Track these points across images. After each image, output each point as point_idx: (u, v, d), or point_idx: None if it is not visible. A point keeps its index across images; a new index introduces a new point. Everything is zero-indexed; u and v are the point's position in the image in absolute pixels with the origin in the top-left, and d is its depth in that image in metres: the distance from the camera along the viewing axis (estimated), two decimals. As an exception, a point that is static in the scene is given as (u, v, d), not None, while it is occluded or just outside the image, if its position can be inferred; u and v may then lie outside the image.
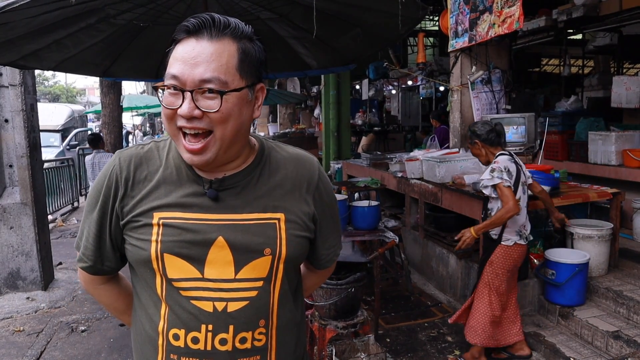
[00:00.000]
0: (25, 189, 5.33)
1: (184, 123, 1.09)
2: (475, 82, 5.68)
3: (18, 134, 5.28)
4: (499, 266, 3.56)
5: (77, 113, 17.87)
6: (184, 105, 1.07)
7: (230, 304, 1.15)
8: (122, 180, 1.19)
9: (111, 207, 1.20)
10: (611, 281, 4.22)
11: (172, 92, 1.09)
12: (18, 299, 5.24)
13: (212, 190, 1.17)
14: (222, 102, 1.08)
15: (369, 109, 13.87)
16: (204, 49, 1.08)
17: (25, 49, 3.76)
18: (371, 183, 5.47)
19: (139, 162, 1.21)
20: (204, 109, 1.07)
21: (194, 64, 1.07)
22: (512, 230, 3.53)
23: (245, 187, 1.20)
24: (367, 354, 3.26)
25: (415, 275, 5.71)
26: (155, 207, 1.16)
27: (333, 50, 4.53)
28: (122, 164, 1.21)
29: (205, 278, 1.15)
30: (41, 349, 4.21)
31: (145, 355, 1.22)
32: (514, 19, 4.55)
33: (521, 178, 3.54)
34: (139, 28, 3.98)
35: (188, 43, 1.09)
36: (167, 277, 1.15)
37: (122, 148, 8.16)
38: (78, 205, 10.94)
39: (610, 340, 3.62)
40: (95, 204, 1.22)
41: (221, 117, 1.09)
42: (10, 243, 5.33)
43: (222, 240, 1.15)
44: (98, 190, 1.22)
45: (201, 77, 1.07)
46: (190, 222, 1.15)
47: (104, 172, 1.23)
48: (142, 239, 1.16)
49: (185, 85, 1.07)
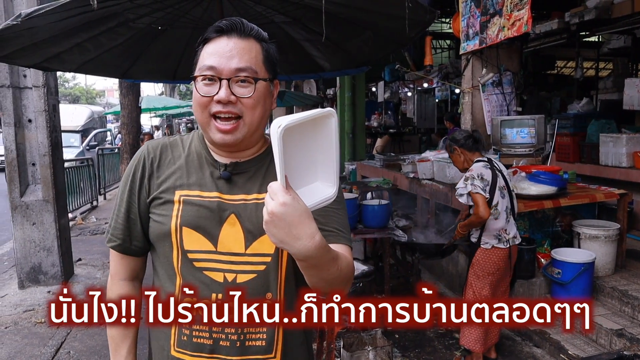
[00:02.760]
0: (47, 187, 5.52)
1: (219, 108, 1.23)
2: (486, 84, 5.74)
3: (41, 134, 5.47)
4: (479, 269, 3.62)
5: (97, 114, 18.22)
6: (222, 91, 1.21)
7: (240, 276, 1.27)
8: (149, 162, 1.35)
9: (139, 186, 1.34)
10: (617, 281, 4.27)
11: (207, 83, 1.23)
12: (40, 293, 5.43)
13: (226, 172, 1.31)
14: (256, 88, 1.24)
15: (384, 111, 13.94)
16: (237, 44, 1.24)
17: (48, 52, 3.92)
18: (383, 183, 5.56)
19: (165, 148, 1.38)
20: (238, 95, 1.23)
21: (230, 56, 1.23)
22: (490, 234, 3.57)
23: (257, 172, 1.34)
24: (374, 347, 3.36)
25: (425, 274, 5.79)
26: (178, 185, 1.31)
27: (345, 52, 4.63)
28: (150, 149, 1.37)
29: (218, 251, 1.28)
30: (61, 339, 4.38)
31: (161, 329, 1.33)
32: (522, 22, 4.62)
33: (498, 183, 3.55)
34: (157, 31, 4.12)
35: (221, 40, 1.25)
36: (183, 249, 1.28)
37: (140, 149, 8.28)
38: (97, 204, 11.17)
39: (614, 338, 3.68)
40: (125, 186, 1.36)
41: (252, 103, 1.24)
42: (33, 238, 5.52)
43: (234, 217, 1.28)
44: (127, 174, 1.37)
45: (237, 66, 1.22)
46: (206, 200, 1.29)
47: (134, 158, 1.39)
48: (164, 214, 1.30)
49: (222, 74, 1.22)
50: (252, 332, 1.27)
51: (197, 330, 1.27)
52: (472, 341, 3.70)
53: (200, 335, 1.27)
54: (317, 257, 1.04)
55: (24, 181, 5.49)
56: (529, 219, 4.66)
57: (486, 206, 3.47)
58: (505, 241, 3.56)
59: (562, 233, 4.75)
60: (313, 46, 4.62)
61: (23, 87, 5.41)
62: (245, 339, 1.27)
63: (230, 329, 1.26)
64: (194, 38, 4.41)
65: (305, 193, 1.03)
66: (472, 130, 3.83)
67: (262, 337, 1.28)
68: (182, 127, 26.43)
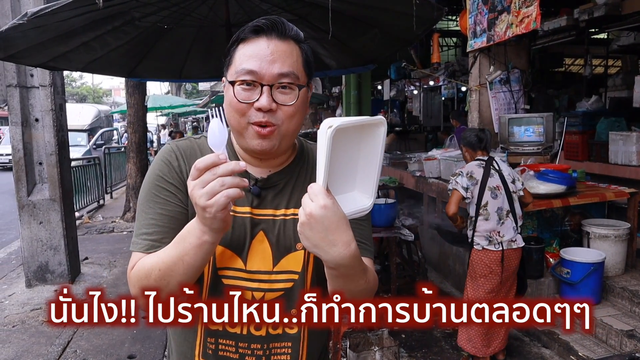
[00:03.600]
0: (54, 186, 5.53)
1: (259, 118, 1.13)
2: (494, 82, 5.70)
3: (47, 133, 5.48)
4: (472, 270, 3.62)
5: (104, 113, 18.32)
6: (263, 99, 1.12)
7: (267, 294, 1.23)
8: (181, 163, 1.23)
9: (176, 186, 1.21)
10: (627, 281, 4.22)
11: (245, 88, 1.13)
12: (47, 291, 5.44)
13: (256, 187, 1.23)
14: (298, 96, 1.15)
15: (390, 109, 13.89)
16: (278, 47, 1.14)
17: (55, 51, 3.92)
18: (389, 182, 5.53)
19: (194, 150, 1.26)
20: (280, 102, 1.13)
21: (272, 60, 1.12)
22: (480, 235, 3.56)
23: (286, 185, 1.27)
24: (380, 347, 3.34)
25: (432, 273, 5.76)
26: None
27: (352, 50, 4.61)
28: (179, 148, 1.25)
29: (248, 270, 1.22)
30: (68, 338, 4.39)
31: (185, 337, 1.29)
32: (531, 19, 4.57)
33: (489, 183, 3.54)
34: (163, 30, 4.12)
35: (260, 41, 1.14)
36: (215, 266, 1.21)
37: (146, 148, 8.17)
38: (104, 203, 11.21)
39: (624, 339, 3.63)
40: (158, 187, 1.21)
41: (293, 111, 1.15)
42: (40, 237, 5.53)
43: (262, 234, 1.22)
44: (157, 175, 1.22)
45: (280, 72, 1.13)
46: (240, 216, 1.22)
47: (160, 157, 1.25)
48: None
49: (263, 80, 1.12)
50: (277, 346, 1.25)
51: (223, 344, 1.25)
52: (464, 341, 3.70)
53: (226, 349, 1.24)
54: (350, 267, 1.01)
55: (31, 180, 5.50)
56: (538, 218, 4.62)
57: (455, 203, 3.57)
58: (497, 243, 3.51)
59: (571, 232, 4.70)
60: (319, 44, 4.60)
61: (30, 86, 5.42)
62: (270, 353, 1.25)
63: (256, 344, 1.24)
64: (200, 37, 4.43)
65: (341, 200, 0.99)
66: (480, 129, 3.82)
67: (287, 351, 1.26)
68: (188, 125, 26.48)
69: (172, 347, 1.37)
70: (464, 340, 3.70)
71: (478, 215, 3.56)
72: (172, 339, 1.36)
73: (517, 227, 3.57)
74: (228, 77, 1.18)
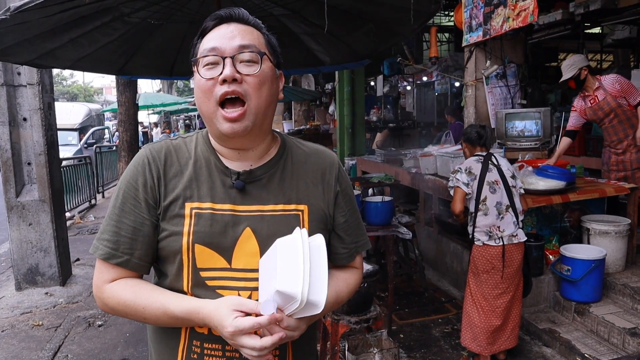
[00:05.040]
0: (43, 186, 5.41)
1: (225, 89, 1.14)
2: (490, 76, 5.63)
3: (36, 132, 5.36)
4: (474, 266, 3.60)
5: (95, 112, 18.10)
6: (226, 69, 1.14)
7: (255, 293, 1.17)
8: (155, 169, 1.22)
9: (145, 196, 1.20)
10: (628, 277, 4.17)
11: (210, 67, 1.17)
12: (37, 294, 5.33)
13: (240, 182, 1.21)
14: (262, 64, 1.18)
15: (383, 105, 13.83)
16: (238, 27, 1.20)
17: (41, 48, 3.81)
18: (385, 179, 5.45)
19: (169, 153, 1.25)
20: (243, 73, 1.16)
21: (232, 37, 1.18)
22: (480, 230, 3.54)
23: (271, 179, 1.24)
24: (379, 349, 3.26)
25: (429, 271, 5.70)
26: (187, 197, 1.20)
27: (346, 46, 4.52)
28: (153, 154, 1.25)
29: (233, 268, 1.18)
30: (59, 342, 4.28)
31: (166, 343, 1.24)
32: (528, 12, 4.49)
33: (487, 178, 3.51)
34: (153, 26, 4.01)
35: (220, 27, 1.20)
36: (195, 267, 1.18)
37: (138, 147, 8.15)
38: (95, 203, 11.08)
39: (627, 337, 3.57)
40: (127, 194, 1.21)
41: (258, 83, 1.16)
42: (29, 239, 5.42)
43: (250, 231, 1.19)
44: (129, 181, 1.22)
45: (240, 43, 1.17)
46: (219, 213, 1.19)
47: (134, 163, 1.25)
48: (174, 230, 1.18)
49: (224, 53, 1.16)
50: None
51: (209, 349, 1.19)
52: (468, 340, 3.67)
53: (212, 353, 1.19)
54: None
55: (19, 181, 5.38)
56: (537, 214, 4.56)
57: (460, 201, 3.55)
58: (497, 238, 3.48)
59: (570, 229, 4.65)
60: (313, 39, 4.52)
61: (17, 85, 5.30)
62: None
63: None
64: (191, 33, 4.30)
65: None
66: (481, 125, 3.76)
67: (274, 352, 1.21)
68: (180, 123, 26.32)
69: (152, 356, 1.32)
70: (468, 340, 3.65)
71: (477, 211, 3.52)
72: (152, 346, 1.31)
73: (518, 222, 3.52)
74: (196, 57, 1.21)
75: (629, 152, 4.66)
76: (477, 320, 3.58)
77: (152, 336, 1.30)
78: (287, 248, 1.06)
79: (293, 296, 1.01)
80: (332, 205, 1.31)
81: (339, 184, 1.33)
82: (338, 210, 1.32)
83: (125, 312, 1.18)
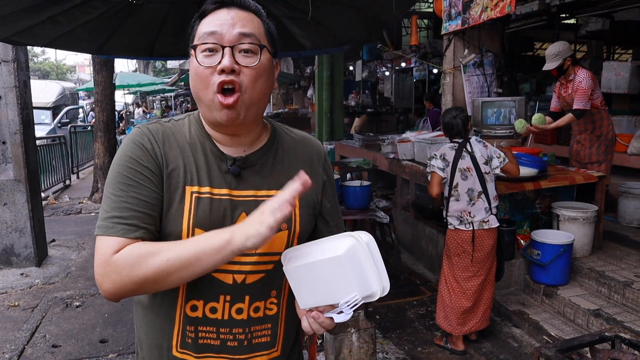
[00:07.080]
0: (19, 166, 5.35)
1: (223, 77, 1.13)
2: (468, 65, 5.72)
3: (11, 111, 5.28)
4: (447, 248, 3.77)
5: (68, 90, 17.72)
6: (225, 60, 1.13)
7: (249, 277, 1.21)
8: (156, 148, 1.19)
9: (150, 171, 1.17)
10: (594, 262, 4.34)
11: (208, 54, 1.15)
12: (12, 275, 5.29)
13: (235, 167, 1.22)
14: (261, 55, 1.16)
15: (362, 90, 13.88)
16: (238, 13, 1.17)
17: (19, 25, 3.75)
18: (363, 164, 5.52)
19: (166, 135, 1.22)
20: (242, 64, 1.14)
21: (232, 23, 1.15)
22: (452, 215, 3.68)
23: (264, 165, 1.26)
24: (357, 329, 3.36)
25: (405, 254, 5.82)
26: (187, 180, 1.19)
27: (327, 31, 4.54)
28: (152, 133, 1.21)
29: None
30: (36, 323, 4.28)
31: (160, 328, 1.24)
32: (506, 2, 4.58)
33: (460, 165, 3.61)
34: (134, 5, 3.97)
35: (220, 12, 1.17)
36: None
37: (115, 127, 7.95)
38: (70, 183, 10.93)
39: (591, 318, 3.75)
40: (133, 170, 1.16)
41: (256, 74, 1.16)
42: (4, 220, 5.36)
43: (245, 215, 1.19)
44: (130, 157, 1.17)
45: (241, 31, 1.15)
46: (218, 198, 1.19)
47: (133, 140, 1.20)
48: (175, 213, 1.17)
49: (223, 41, 1.14)
50: (258, 329, 1.25)
51: (204, 332, 1.22)
52: (441, 318, 3.83)
53: (207, 336, 1.22)
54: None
55: (-6, 160, 5.30)
56: (509, 200, 4.70)
57: (437, 185, 3.68)
58: (467, 223, 3.62)
59: (541, 215, 4.80)
60: (294, 23, 4.52)
61: (-8, 62, 5.19)
62: (252, 337, 1.25)
63: (238, 329, 1.23)
64: (172, 13, 4.29)
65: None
66: (461, 110, 3.80)
67: (267, 332, 1.27)
68: (156, 104, 25.95)
69: (141, 340, 1.31)
70: (441, 318, 3.82)
71: (450, 197, 3.64)
72: (142, 330, 1.30)
73: (490, 208, 3.63)
74: (194, 43, 1.18)
75: (583, 145, 4.88)
76: (449, 301, 3.72)
77: (142, 321, 1.29)
78: (350, 257, 1.10)
79: (372, 296, 1.13)
80: (320, 192, 1.34)
81: (325, 173, 1.37)
82: (325, 196, 1.36)
83: (144, 274, 1.06)
